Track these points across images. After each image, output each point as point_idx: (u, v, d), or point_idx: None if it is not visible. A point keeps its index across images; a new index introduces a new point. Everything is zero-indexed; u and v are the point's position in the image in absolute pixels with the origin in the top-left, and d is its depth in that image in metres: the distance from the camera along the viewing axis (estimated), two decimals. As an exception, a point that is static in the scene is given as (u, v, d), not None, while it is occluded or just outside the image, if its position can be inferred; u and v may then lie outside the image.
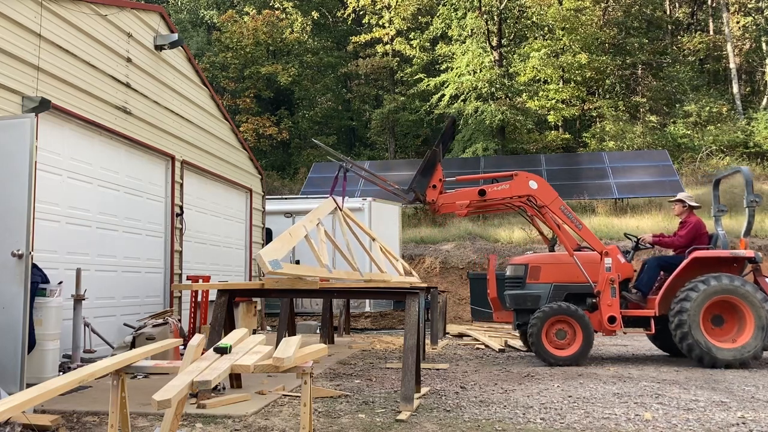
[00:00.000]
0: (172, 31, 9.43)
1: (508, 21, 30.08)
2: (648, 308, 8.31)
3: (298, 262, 13.60)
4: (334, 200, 7.51)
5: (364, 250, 8.16)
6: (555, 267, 8.63)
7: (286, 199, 15.88)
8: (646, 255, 13.50)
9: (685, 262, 8.16)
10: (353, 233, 7.90)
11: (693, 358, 7.88)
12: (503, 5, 28.61)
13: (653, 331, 8.29)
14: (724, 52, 30.92)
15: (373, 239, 9.03)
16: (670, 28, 34.01)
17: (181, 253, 9.72)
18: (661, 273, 8.57)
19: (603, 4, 30.66)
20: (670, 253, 8.94)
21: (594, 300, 8.35)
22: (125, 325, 8.14)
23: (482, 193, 8.29)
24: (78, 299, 6.77)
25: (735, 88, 29.57)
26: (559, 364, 8.01)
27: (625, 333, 8.76)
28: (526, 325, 8.40)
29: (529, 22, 29.85)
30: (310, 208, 6.62)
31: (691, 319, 7.77)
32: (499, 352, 9.84)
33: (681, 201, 8.72)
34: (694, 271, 8.11)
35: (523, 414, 5.16)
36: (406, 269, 10.97)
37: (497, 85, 27.43)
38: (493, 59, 28.57)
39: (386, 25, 31.93)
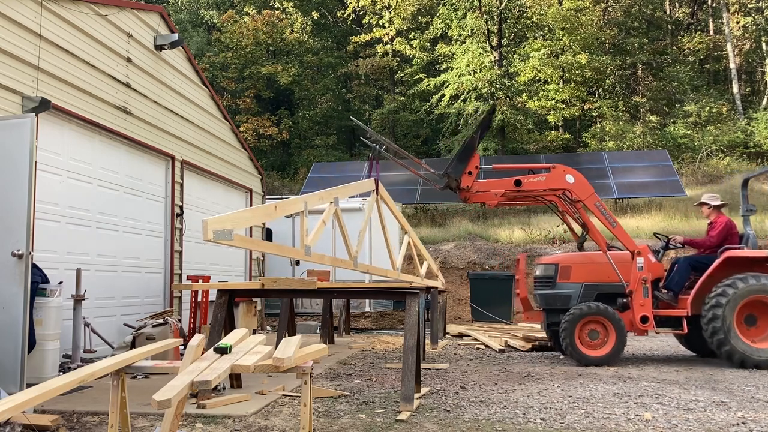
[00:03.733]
0: (172, 31, 9.43)
1: (508, 21, 30.08)
2: (680, 308, 8.21)
3: (297, 263, 13.60)
4: (376, 183, 7.21)
5: (368, 242, 7.95)
6: (586, 267, 8.53)
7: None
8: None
9: (717, 261, 8.06)
10: (382, 223, 7.73)
11: (734, 363, 7.79)
12: (503, 5, 28.61)
13: (685, 330, 8.18)
14: (724, 52, 30.92)
15: (405, 233, 8.89)
16: (670, 28, 34.01)
17: (181, 253, 9.73)
18: (692, 273, 8.47)
19: (603, 4, 30.66)
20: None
21: (625, 300, 8.27)
22: (125, 325, 8.14)
23: (518, 183, 8.21)
24: (78, 299, 6.77)
25: (735, 88, 29.57)
26: (592, 364, 7.97)
27: (657, 333, 8.72)
28: (556, 325, 8.35)
29: (529, 22, 29.85)
30: (309, 208, 6.52)
31: (726, 324, 7.69)
32: (499, 352, 9.83)
33: (705, 203, 8.65)
34: (726, 271, 8.02)
35: (523, 414, 5.16)
36: (432, 272, 10.56)
37: (497, 85, 27.43)
38: (493, 59, 28.57)
39: (386, 25, 31.93)
